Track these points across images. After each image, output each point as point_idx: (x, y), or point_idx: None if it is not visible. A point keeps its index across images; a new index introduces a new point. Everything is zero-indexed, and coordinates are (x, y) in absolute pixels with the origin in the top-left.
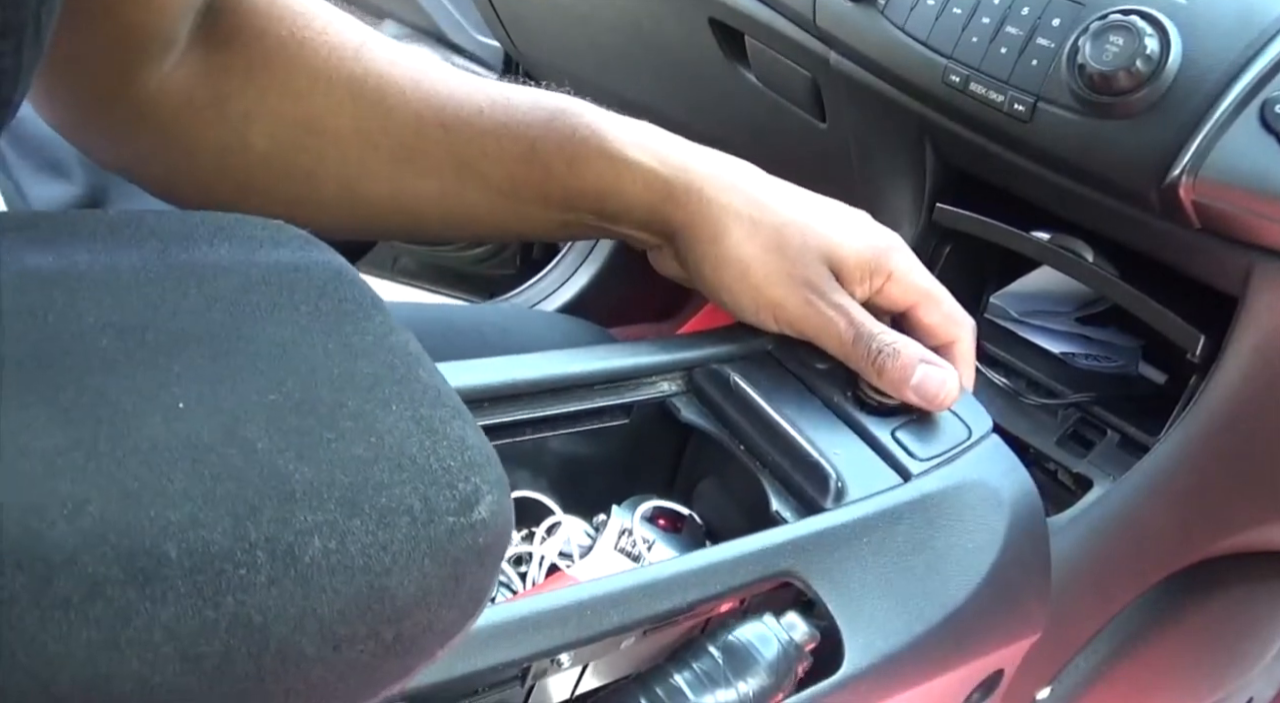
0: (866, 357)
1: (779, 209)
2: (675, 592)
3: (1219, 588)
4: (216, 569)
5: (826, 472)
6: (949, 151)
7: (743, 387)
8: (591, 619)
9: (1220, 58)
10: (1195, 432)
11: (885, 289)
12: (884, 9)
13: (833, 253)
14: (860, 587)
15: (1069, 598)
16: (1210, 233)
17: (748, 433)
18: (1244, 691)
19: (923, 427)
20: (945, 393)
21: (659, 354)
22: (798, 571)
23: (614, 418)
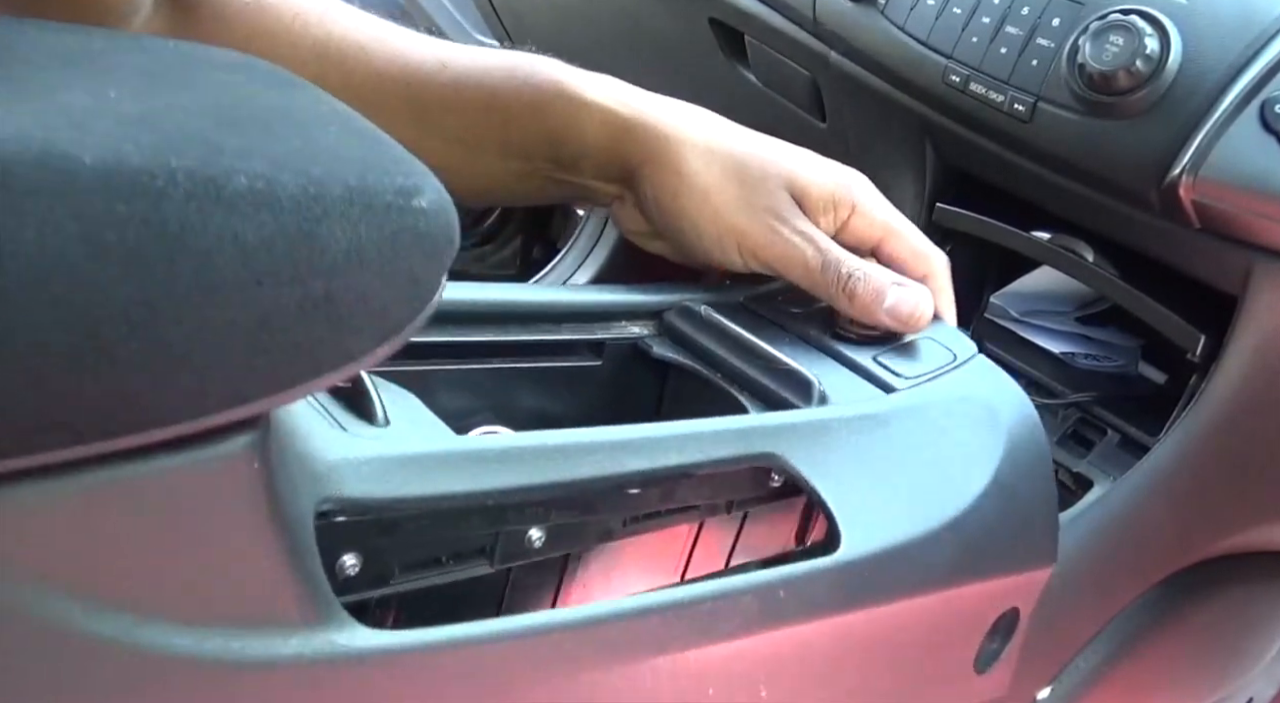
0: (836, 283)
1: (738, 142)
2: (650, 452)
3: (1219, 588)
4: (131, 179)
5: (807, 379)
6: (949, 151)
7: (716, 317)
8: (559, 464)
9: (1220, 58)
10: (1195, 432)
11: (850, 223)
12: (884, 8)
13: (794, 181)
14: (852, 478)
15: (1069, 598)
16: (1210, 233)
17: (724, 360)
18: (1244, 691)
19: (905, 352)
20: (920, 313)
21: (629, 295)
22: (780, 454)
23: (585, 357)
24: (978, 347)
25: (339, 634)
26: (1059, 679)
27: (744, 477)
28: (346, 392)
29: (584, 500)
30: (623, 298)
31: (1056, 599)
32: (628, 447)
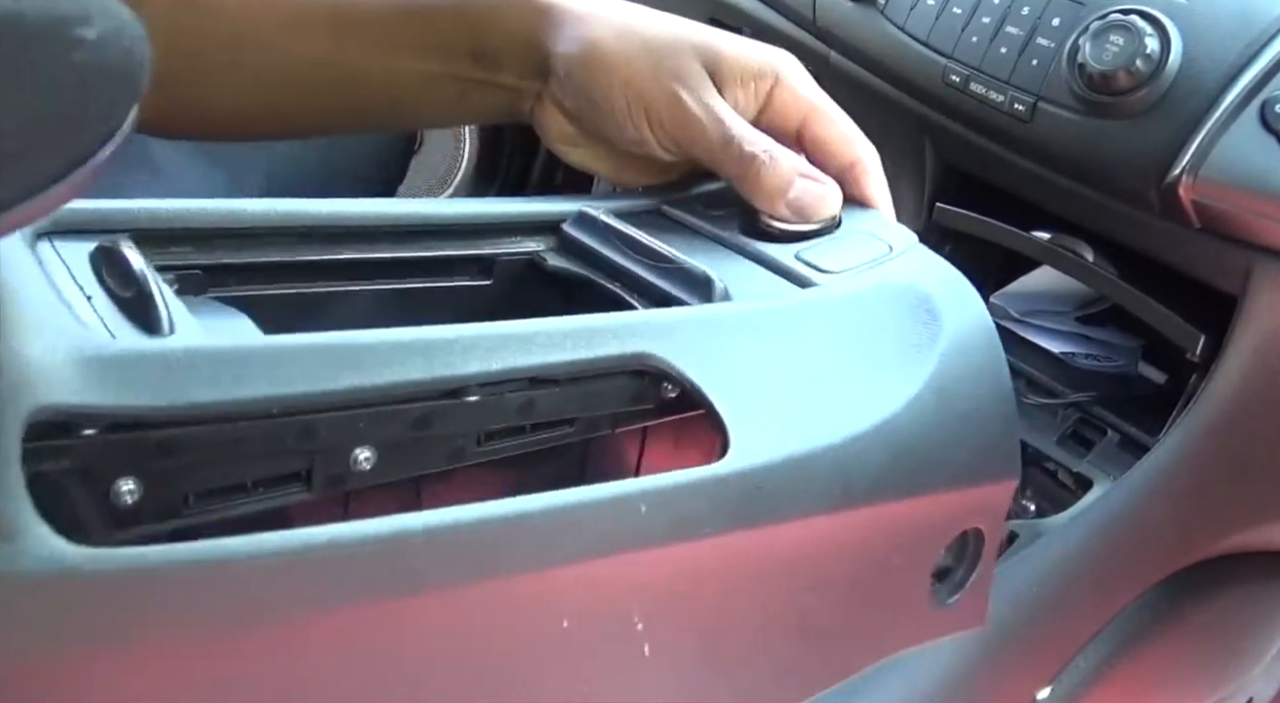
0: (739, 162)
1: (656, 19)
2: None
3: (1219, 588)
4: None
5: (705, 276)
6: (949, 151)
7: (617, 224)
8: (380, 365)
9: (1220, 58)
10: (1195, 432)
11: (773, 99)
12: (884, 9)
13: (709, 51)
14: (749, 379)
15: (1069, 598)
16: (1210, 233)
17: (623, 269)
18: (1244, 691)
19: (834, 247)
20: (825, 209)
21: (526, 206)
22: (658, 353)
23: (473, 276)
24: None
25: (34, 548)
26: (1059, 679)
27: (626, 386)
28: (129, 300)
29: (418, 412)
30: (518, 209)
31: (1056, 599)
32: (466, 346)
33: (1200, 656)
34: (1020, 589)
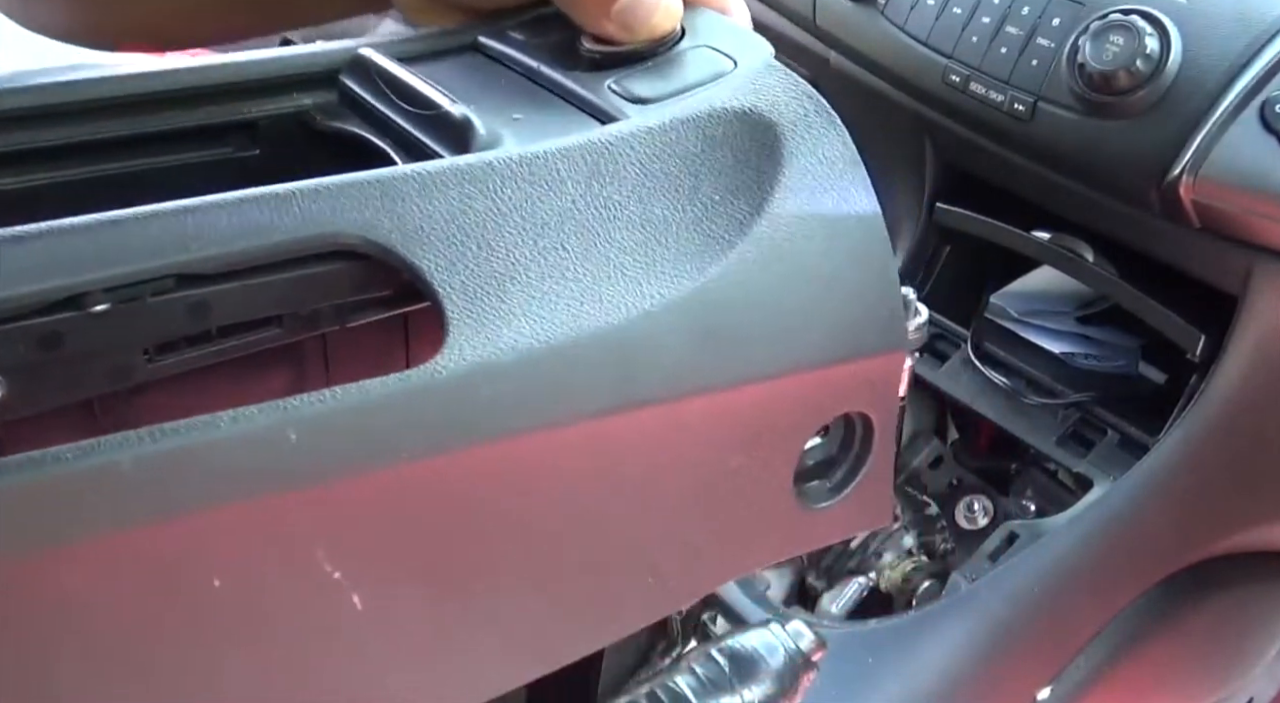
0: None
1: None
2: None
3: (1219, 588)
4: None
5: (464, 122)
6: (949, 151)
7: (389, 69)
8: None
9: (1220, 58)
10: (1195, 432)
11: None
12: (884, 9)
13: None
14: (496, 254)
15: (1069, 598)
16: (1210, 232)
17: (390, 122)
18: (1244, 691)
19: (662, 70)
20: (657, 22)
21: (298, 54)
22: (360, 230)
23: (235, 144)
24: (973, 344)
25: None
26: (1059, 679)
27: (341, 272)
28: None
29: (41, 330)
30: (294, 57)
31: (1056, 599)
32: (95, 239)
33: (1200, 656)
34: (1020, 589)
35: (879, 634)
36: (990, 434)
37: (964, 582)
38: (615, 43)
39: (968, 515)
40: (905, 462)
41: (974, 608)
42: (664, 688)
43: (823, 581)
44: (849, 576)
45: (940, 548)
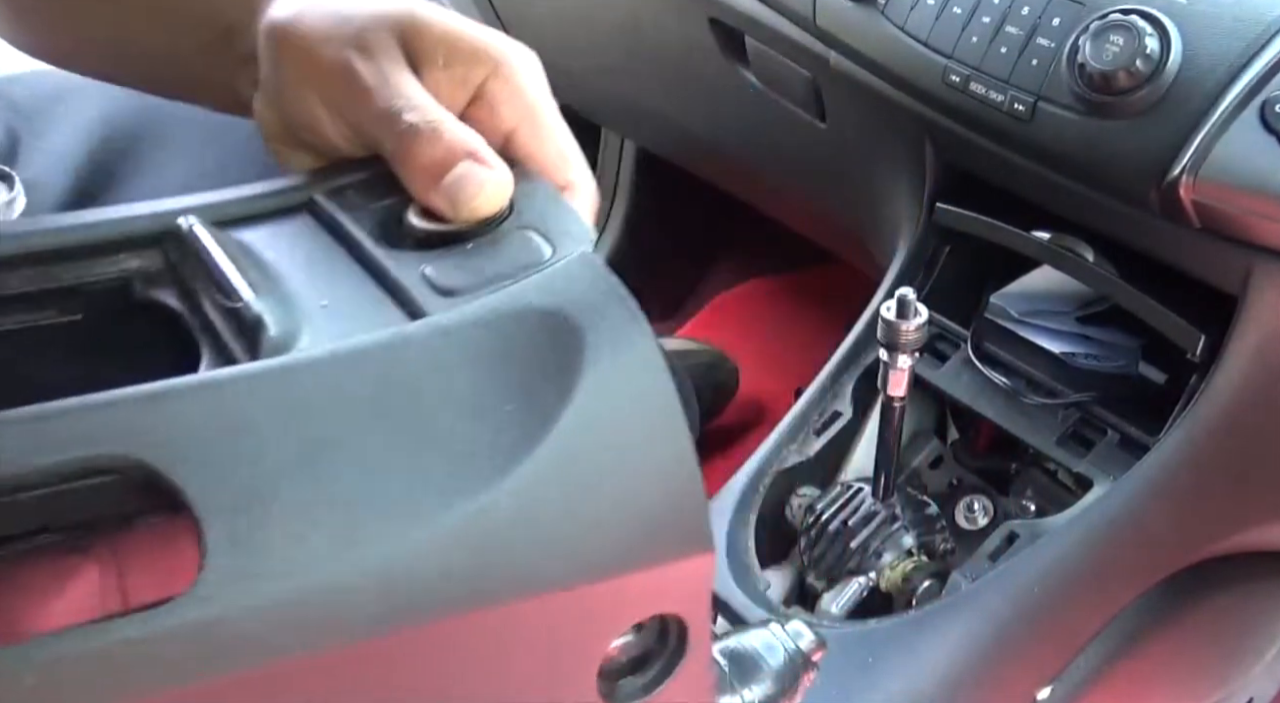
0: (397, 133)
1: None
2: None
3: (1219, 588)
4: None
5: (256, 322)
6: (949, 151)
7: (208, 247)
8: None
9: (1220, 58)
10: (1195, 432)
11: (484, 95)
12: (884, 9)
13: (409, 24)
14: (259, 476)
15: (1069, 598)
16: (1210, 233)
17: (199, 303)
18: (1244, 690)
19: (479, 255)
20: (486, 199)
21: (139, 210)
22: (133, 450)
23: (58, 310)
24: (973, 344)
25: None
26: (1059, 679)
27: (109, 487)
28: None
29: None
30: (117, 219)
31: (1056, 599)
32: None
33: (1200, 656)
34: (1020, 589)
35: (879, 634)
36: (990, 434)
37: (964, 582)
38: (441, 217)
39: (968, 515)
40: (905, 462)
41: (974, 608)
42: None
43: (823, 581)
44: (849, 576)
45: (940, 548)
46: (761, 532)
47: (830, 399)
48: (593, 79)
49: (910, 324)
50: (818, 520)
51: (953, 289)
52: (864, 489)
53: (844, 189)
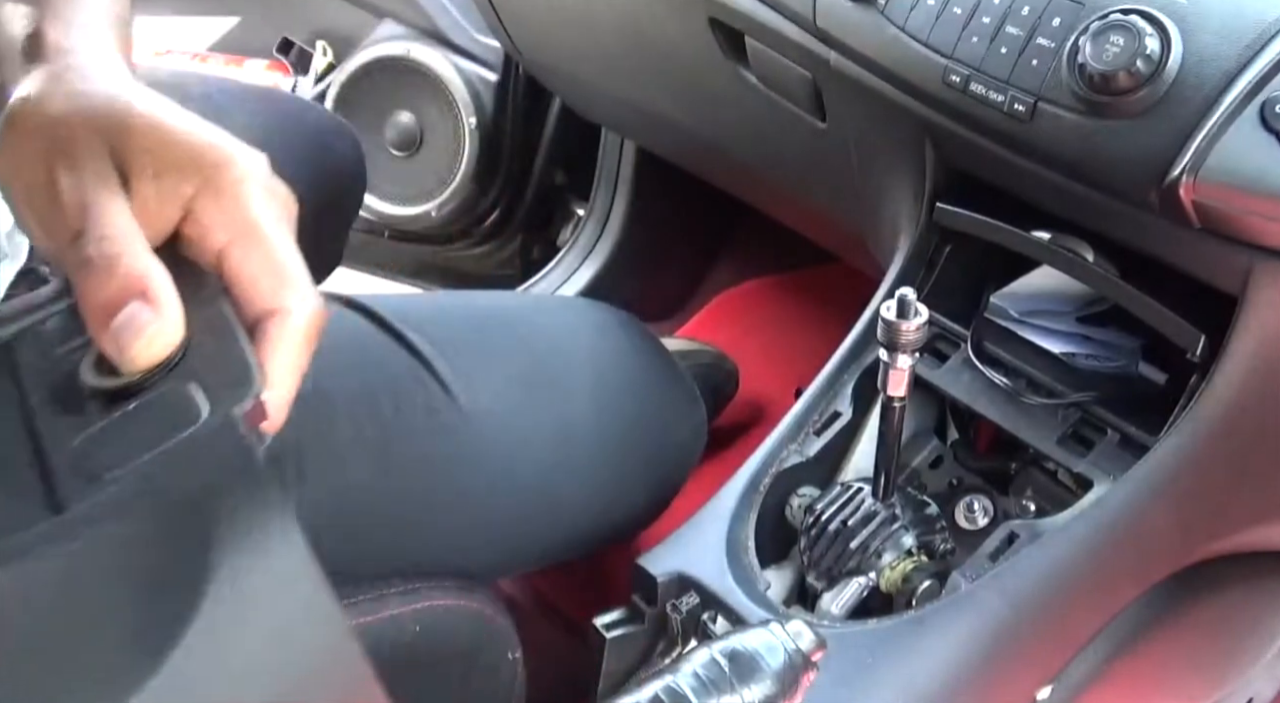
0: (75, 263)
1: (109, 74)
2: None
3: (1219, 588)
4: None
5: None
6: (949, 151)
7: None
8: None
9: (1220, 58)
10: (1195, 432)
11: (194, 211)
12: (884, 9)
13: (123, 128)
14: None
15: (1069, 598)
16: (1210, 233)
17: None
18: (1244, 690)
19: (138, 418)
20: (145, 350)
21: None
22: None
23: None
24: (972, 344)
25: None
26: (1059, 679)
27: None
28: None
29: None
30: None
31: (1056, 599)
32: None
33: (1200, 656)
34: (1020, 589)
35: (879, 634)
36: (990, 434)
37: (964, 582)
38: (112, 364)
39: (968, 515)
40: (905, 462)
41: (974, 608)
42: (664, 688)
43: (823, 581)
44: (849, 576)
45: (940, 548)
46: (761, 532)
47: (830, 399)
48: (592, 79)
49: (910, 324)
50: (818, 520)
51: (953, 289)
52: (864, 489)
53: (844, 189)
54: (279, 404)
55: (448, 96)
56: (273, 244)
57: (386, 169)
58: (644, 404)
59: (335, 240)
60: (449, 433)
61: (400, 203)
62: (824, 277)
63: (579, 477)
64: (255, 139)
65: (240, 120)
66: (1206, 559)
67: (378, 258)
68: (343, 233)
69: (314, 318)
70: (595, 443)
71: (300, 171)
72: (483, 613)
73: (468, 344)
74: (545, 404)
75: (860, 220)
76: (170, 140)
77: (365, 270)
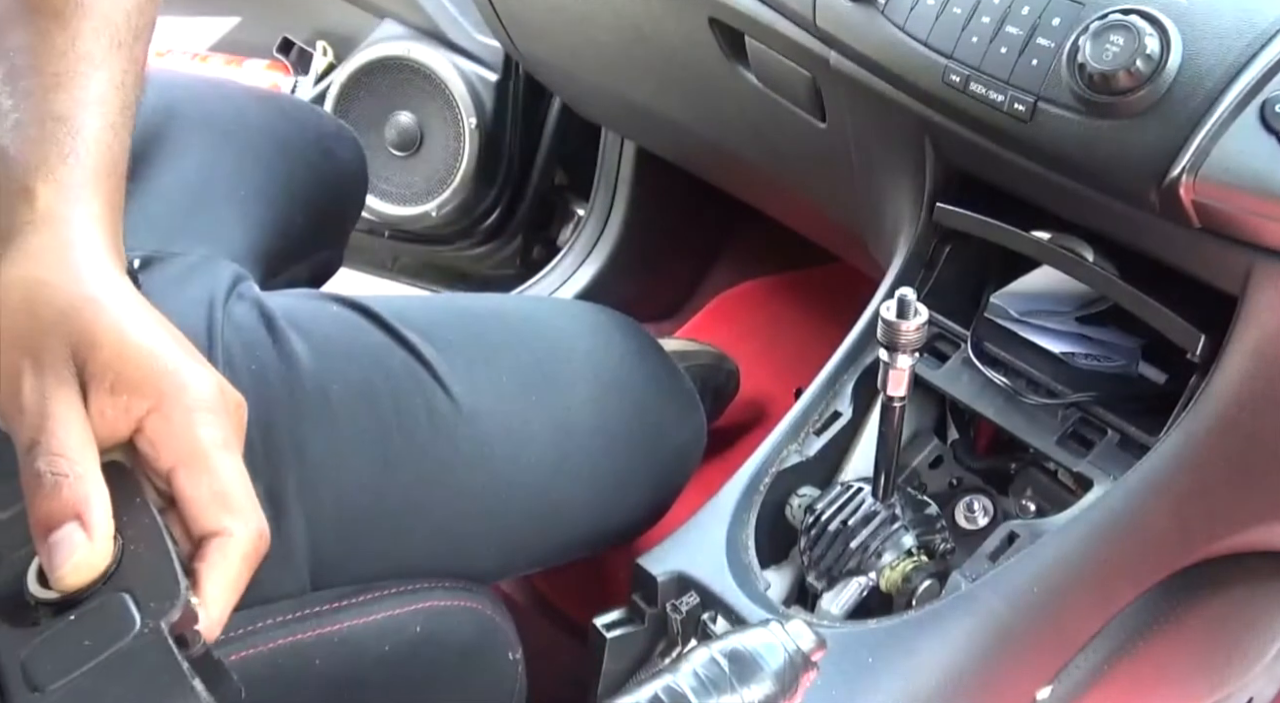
0: (27, 470)
1: (94, 285)
2: None
3: (1219, 588)
4: None
5: None
6: (949, 151)
7: None
8: None
9: (1220, 58)
10: (1195, 432)
11: (144, 429)
12: (884, 9)
13: (88, 338)
14: None
15: (1069, 598)
16: (1210, 233)
17: None
18: (1244, 691)
19: (78, 629)
20: (71, 573)
21: None
22: None
23: None
24: (972, 344)
25: None
26: (1059, 679)
27: None
28: None
29: None
30: None
31: (1056, 599)
32: None
33: (1200, 656)
34: (1020, 589)
35: (879, 634)
36: (990, 434)
37: (964, 582)
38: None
39: (968, 515)
40: (905, 462)
41: (974, 608)
42: (664, 688)
43: (823, 581)
44: (849, 576)
45: (940, 548)
46: (761, 532)
47: (830, 399)
48: (592, 79)
49: (910, 324)
50: (818, 520)
51: (953, 289)
52: (864, 489)
53: (844, 189)
54: (215, 621)
55: (448, 96)
56: (218, 470)
57: (386, 169)
58: (643, 406)
59: (336, 244)
60: (448, 433)
61: (400, 203)
62: (824, 277)
63: (578, 478)
64: (257, 143)
65: (241, 125)
66: (1206, 559)
67: (378, 258)
68: (344, 236)
69: (255, 541)
70: (594, 444)
71: (302, 176)
72: (483, 613)
73: (467, 345)
74: (544, 405)
75: (860, 220)
76: (131, 358)
77: (365, 270)
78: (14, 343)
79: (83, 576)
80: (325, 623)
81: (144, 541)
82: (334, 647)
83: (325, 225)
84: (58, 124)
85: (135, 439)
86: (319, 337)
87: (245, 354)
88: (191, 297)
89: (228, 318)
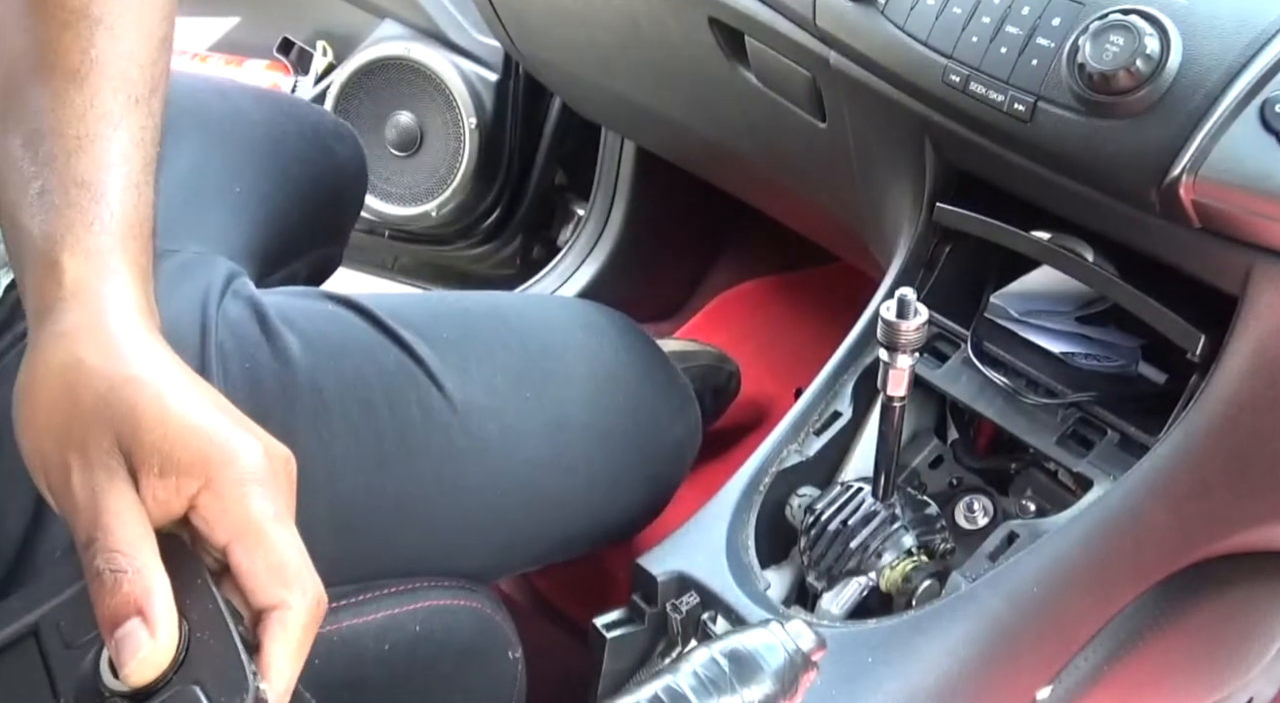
0: (87, 566)
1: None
2: None
3: (1219, 588)
4: None
5: None
6: (949, 151)
7: None
8: None
9: (1220, 58)
10: (1195, 432)
11: (198, 508)
12: (884, 9)
13: (131, 424)
14: None
15: (1069, 598)
16: (1210, 233)
17: None
18: (1244, 691)
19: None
20: (137, 670)
21: None
22: None
23: None
24: (972, 344)
25: None
26: (1059, 679)
27: None
28: None
29: None
30: None
31: (1056, 599)
32: None
33: (1200, 656)
34: (1020, 589)
35: (879, 634)
36: (990, 434)
37: (964, 582)
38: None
39: (968, 515)
40: (905, 462)
41: (974, 608)
42: (664, 688)
43: (823, 581)
44: (849, 576)
45: (940, 548)
46: (761, 532)
47: (830, 399)
48: (593, 79)
49: (910, 324)
50: (818, 520)
51: (953, 289)
52: (864, 489)
53: (844, 189)
54: (281, 694)
55: (448, 96)
56: (273, 542)
57: (386, 169)
58: (637, 401)
59: (336, 243)
60: (442, 430)
61: (400, 203)
62: (824, 277)
63: (573, 474)
64: (253, 140)
65: (238, 121)
66: (1206, 559)
67: (378, 258)
68: (343, 234)
69: (314, 609)
70: (588, 440)
71: (299, 173)
72: (483, 613)
73: (461, 342)
74: (538, 401)
75: (860, 220)
76: (176, 438)
77: (365, 270)
78: (59, 437)
79: (148, 672)
80: (324, 622)
81: (209, 627)
82: (333, 646)
83: (323, 223)
84: (81, 190)
85: (190, 516)
86: (313, 334)
87: (239, 352)
88: (185, 294)
89: (222, 315)
